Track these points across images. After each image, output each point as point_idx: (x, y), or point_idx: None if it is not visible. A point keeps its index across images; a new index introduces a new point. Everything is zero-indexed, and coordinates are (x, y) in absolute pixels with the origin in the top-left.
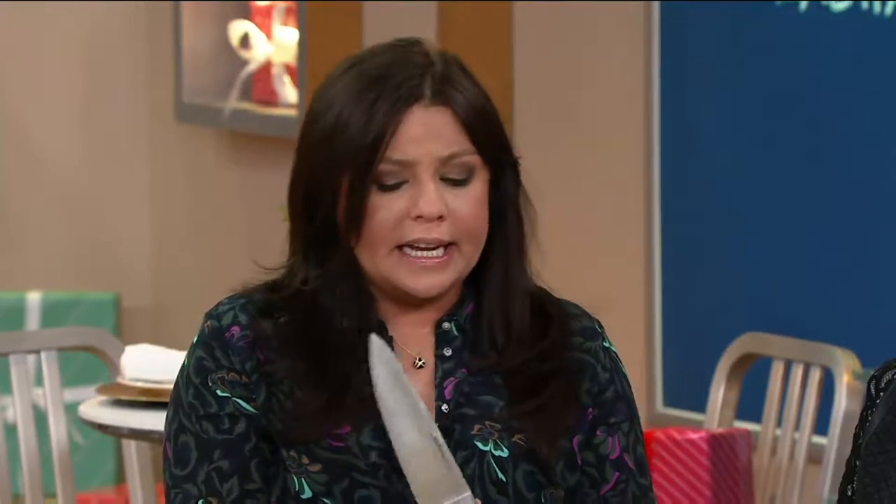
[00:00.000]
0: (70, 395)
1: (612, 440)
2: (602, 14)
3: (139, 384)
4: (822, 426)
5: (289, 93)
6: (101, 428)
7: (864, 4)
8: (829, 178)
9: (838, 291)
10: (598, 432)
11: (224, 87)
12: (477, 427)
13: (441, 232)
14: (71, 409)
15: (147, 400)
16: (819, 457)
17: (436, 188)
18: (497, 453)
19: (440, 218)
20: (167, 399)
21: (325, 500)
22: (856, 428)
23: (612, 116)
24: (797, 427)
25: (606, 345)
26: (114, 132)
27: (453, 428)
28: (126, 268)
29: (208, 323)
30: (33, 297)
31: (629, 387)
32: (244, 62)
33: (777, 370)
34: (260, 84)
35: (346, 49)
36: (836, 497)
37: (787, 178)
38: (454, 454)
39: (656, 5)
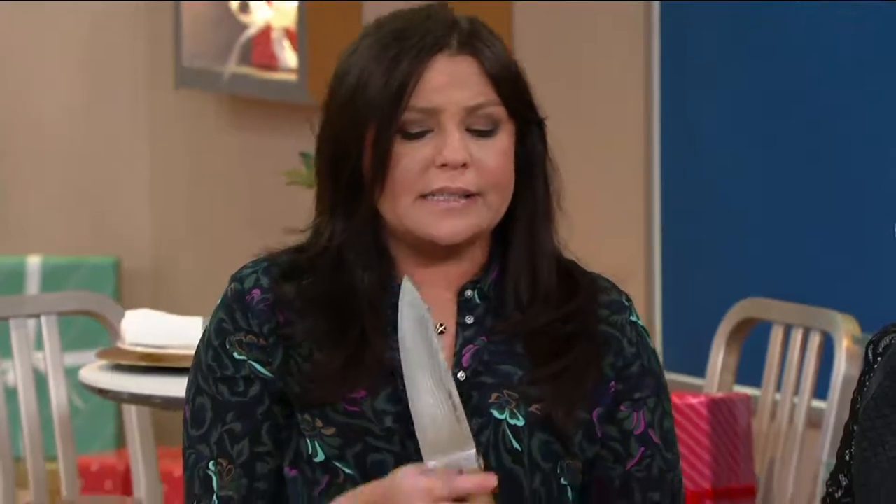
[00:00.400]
0: (70, 359)
1: (637, 415)
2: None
3: (139, 349)
4: (821, 390)
5: (288, 57)
6: (102, 392)
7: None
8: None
9: (838, 256)
10: (622, 407)
11: (224, 52)
12: (494, 395)
13: (466, 181)
14: (71, 373)
15: (147, 365)
16: (818, 421)
17: (461, 137)
18: (513, 422)
19: (464, 166)
20: (167, 364)
21: (338, 464)
22: (853, 392)
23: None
24: (796, 391)
25: (633, 319)
26: (114, 96)
27: (470, 395)
28: (126, 232)
29: (231, 286)
30: (33, 262)
31: (657, 361)
32: (244, 26)
33: (777, 335)
34: (259, 48)
35: (345, 13)
36: (834, 461)
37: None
38: (469, 421)
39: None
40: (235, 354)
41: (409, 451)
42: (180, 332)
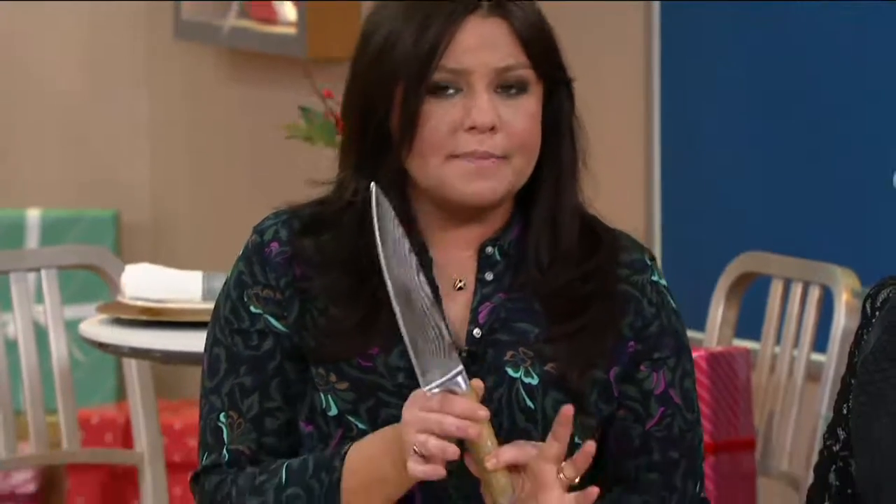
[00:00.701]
0: (70, 312)
1: (657, 375)
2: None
3: (139, 303)
4: (820, 344)
5: (288, 11)
6: (102, 347)
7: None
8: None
9: (838, 210)
10: (641, 367)
11: (223, 5)
12: (510, 353)
13: (493, 145)
14: (71, 326)
15: (147, 319)
16: (817, 374)
17: (489, 98)
18: (527, 380)
19: (492, 129)
20: (167, 318)
21: (351, 418)
22: (851, 346)
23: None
24: (796, 345)
25: (655, 278)
26: (113, 49)
27: (485, 353)
28: (126, 185)
29: (252, 238)
30: (33, 215)
31: (678, 321)
32: None
33: (776, 289)
34: (259, 2)
35: None
36: (832, 415)
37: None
38: (484, 379)
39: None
40: (252, 308)
41: None
42: (180, 287)
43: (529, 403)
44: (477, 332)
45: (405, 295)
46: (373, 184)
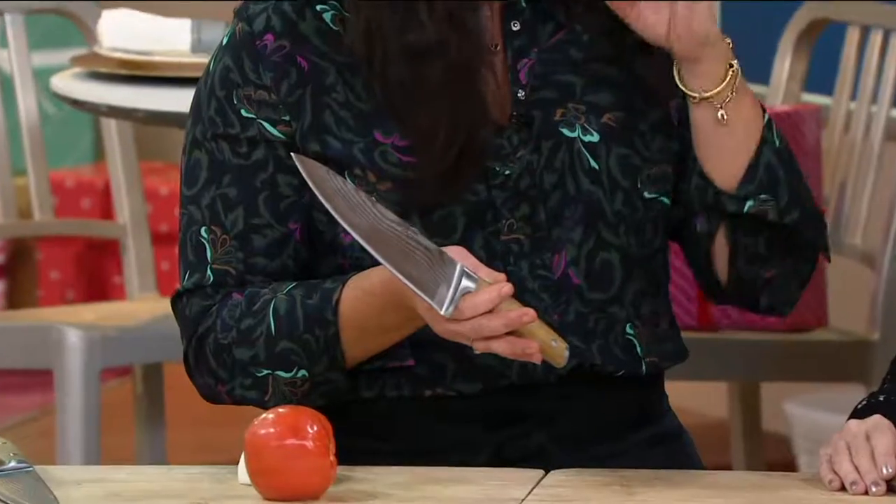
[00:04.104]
0: (38, 59)
1: None
2: None
3: (119, 55)
4: None
5: None
6: (77, 104)
7: None
8: None
9: None
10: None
11: None
12: (559, 112)
13: None
14: (40, 75)
15: (128, 73)
16: None
17: None
18: (586, 138)
19: None
20: (151, 72)
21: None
22: None
23: None
24: (874, 100)
25: None
26: None
27: (532, 116)
28: None
29: (239, 26)
30: None
31: None
32: None
33: (852, 37)
34: None
35: None
36: None
37: None
38: (538, 145)
39: None
40: (243, 111)
41: (480, 199)
42: (166, 36)
43: (594, 164)
44: (521, 94)
45: (375, 235)
46: (293, 154)
